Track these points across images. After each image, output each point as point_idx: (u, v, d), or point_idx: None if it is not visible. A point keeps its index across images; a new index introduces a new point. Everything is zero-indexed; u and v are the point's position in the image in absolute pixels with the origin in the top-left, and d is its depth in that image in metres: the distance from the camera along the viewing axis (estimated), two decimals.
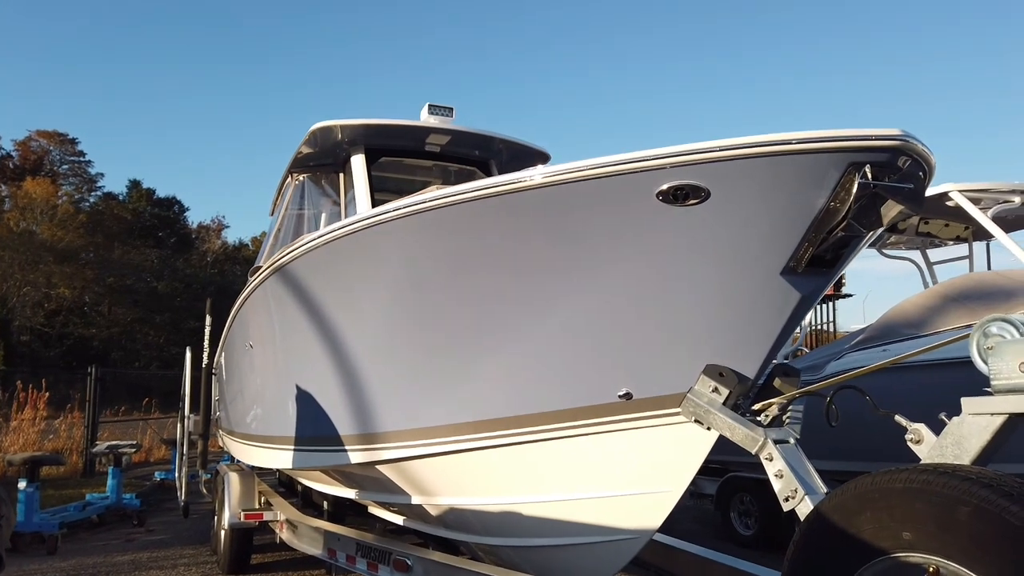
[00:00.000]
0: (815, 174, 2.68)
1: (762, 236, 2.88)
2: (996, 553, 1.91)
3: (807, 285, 2.98)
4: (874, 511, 2.19)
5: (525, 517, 4.09)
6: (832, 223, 2.74)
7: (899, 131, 2.57)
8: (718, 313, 3.12)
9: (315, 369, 4.99)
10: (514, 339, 3.72)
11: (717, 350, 3.19)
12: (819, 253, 2.89)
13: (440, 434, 4.16)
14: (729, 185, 2.79)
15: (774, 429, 3.04)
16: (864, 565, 2.16)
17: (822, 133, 2.61)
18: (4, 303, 41.45)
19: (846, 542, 2.21)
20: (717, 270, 3.03)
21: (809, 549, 2.36)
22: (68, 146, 53.70)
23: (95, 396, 15.35)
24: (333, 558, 5.57)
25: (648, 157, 2.85)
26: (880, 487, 2.21)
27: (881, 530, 2.14)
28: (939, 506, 2.03)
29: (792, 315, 3.05)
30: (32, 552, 8.07)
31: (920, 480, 2.09)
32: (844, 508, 2.30)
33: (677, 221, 2.94)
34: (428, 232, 3.83)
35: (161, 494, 12.42)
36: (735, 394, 3.13)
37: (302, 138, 6.24)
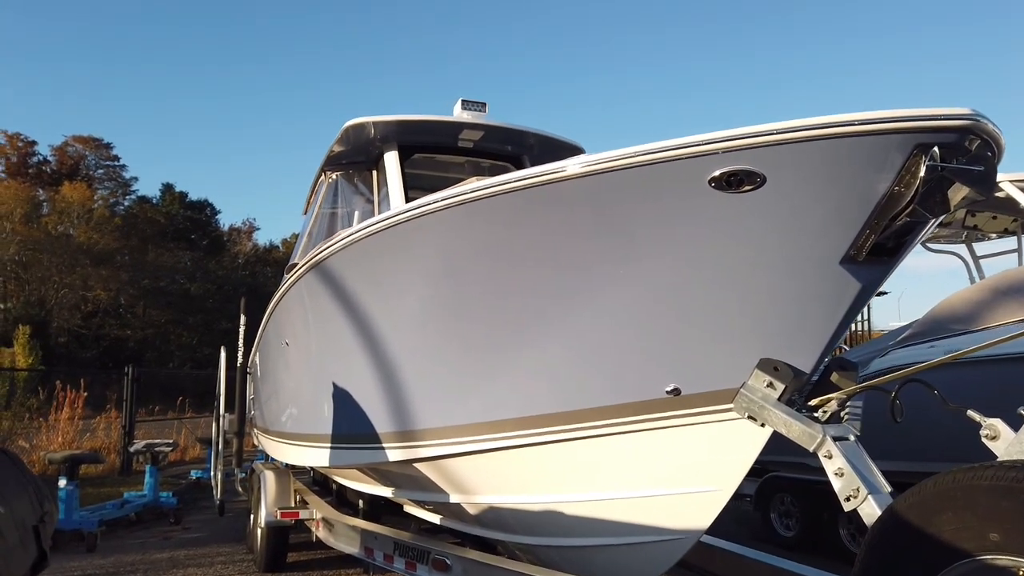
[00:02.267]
0: (878, 157, 2.55)
1: (821, 223, 2.75)
2: None
3: (868, 275, 2.85)
4: (956, 510, 2.06)
5: (567, 516, 4.00)
6: (896, 209, 2.60)
7: (969, 110, 2.43)
8: (773, 305, 3.00)
9: (351, 366, 4.95)
10: (554, 333, 3.63)
11: (771, 343, 3.07)
12: (881, 241, 2.75)
13: (480, 431, 4.09)
14: (786, 170, 2.67)
15: (832, 426, 2.91)
16: (947, 567, 2.04)
17: (887, 113, 2.48)
18: (43, 305, 42.25)
19: (926, 543, 2.08)
20: (772, 259, 2.91)
21: (884, 550, 2.24)
22: (103, 151, 54.63)
23: (131, 395, 15.53)
24: (370, 557, 5.52)
25: (700, 142, 2.74)
26: (963, 485, 2.08)
27: (964, 530, 2.01)
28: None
29: (851, 307, 2.92)
30: (72, 549, 8.15)
31: (1008, 477, 1.96)
32: (923, 507, 2.17)
33: (730, 208, 2.83)
34: (464, 225, 3.76)
35: (197, 492, 12.51)
36: (790, 389, 3.01)
37: (335, 136, 6.22)
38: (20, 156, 50.94)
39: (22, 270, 42.84)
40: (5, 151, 50.48)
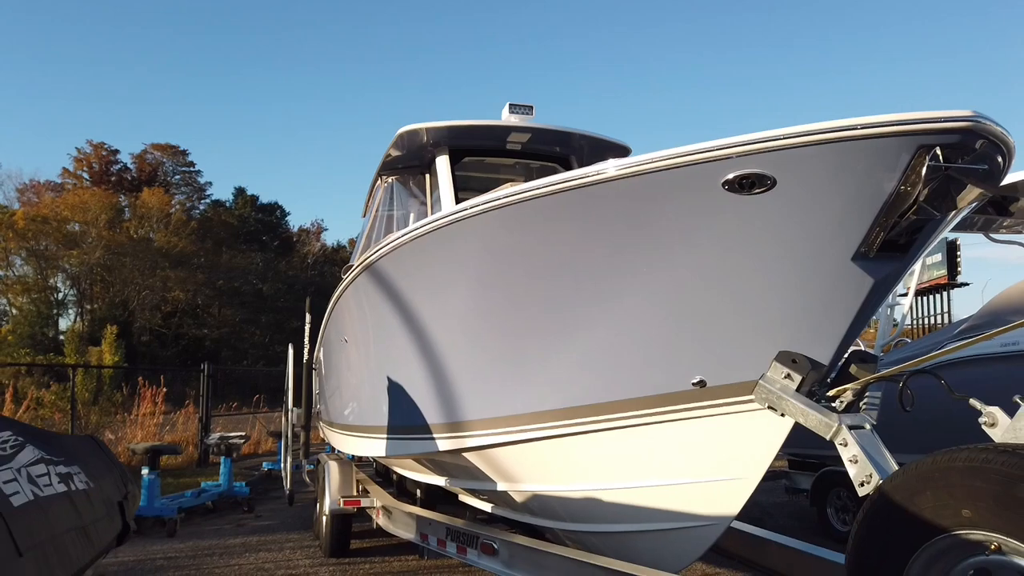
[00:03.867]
0: (884, 158, 2.67)
1: (831, 222, 2.88)
2: None
3: (880, 270, 2.96)
4: (935, 490, 2.19)
5: (606, 504, 4.19)
6: (903, 207, 2.72)
7: (970, 112, 2.53)
8: (790, 300, 3.14)
9: (404, 361, 5.24)
10: (590, 329, 3.83)
11: (791, 337, 3.20)
12: (892, 238, 2.87)
13: (522, 422, 4.32)
14: (795, 173, 2.81)
15: (849, 415, 3.04)
16: (926, 542, 2.18)
17: (890, 117, 2.60)
18: (126, 306, 44.37)
19: (908, 520, 2.22)
20: (787, 257, 3.05)
21: (872, 527, 2.38)
22: (179, 157, 56.88)
23: (207, 391, 16.33)
24: (425, 542, 5.82)
25: (713, 148, 2.90)
26: (940, 466, 2.22)
27: (942, 508, 2.15)
28: (999, 483, 2.02)
29: (866, 301, 3.03)
30: (153, 534, 8.73)
31: (980, 459, 2.09)
32: (906, 488, 2.31)
33: (744, 210, 2.98)
34: (506, 226, 3.98)
35: (268, 483, 13.12)
36: (809, 380, 3.14)
37: (389, 142, 6.53)
38: (103, 164, 53.48)
39: (107, 273, 45.05)
40: (91, 160, 53.08)
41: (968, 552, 2.15)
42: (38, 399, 15.67)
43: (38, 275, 44.94)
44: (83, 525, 2.21)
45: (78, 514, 2.18)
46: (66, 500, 2.09)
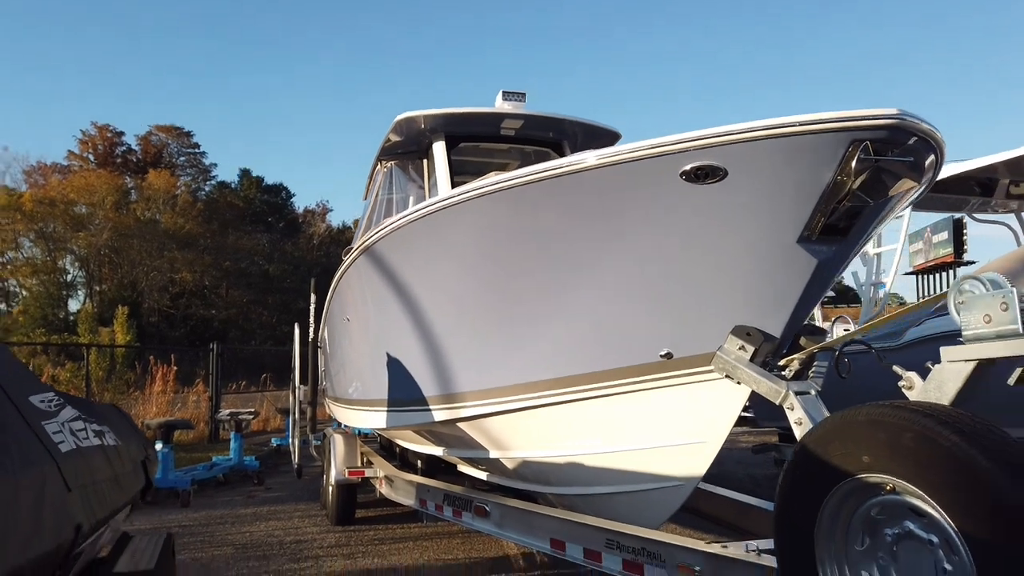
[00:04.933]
0: (821, 152, 2.97)
1: (777, 209, 3.18)
2: (933, 470, 2.22)
3: (823, 252, 3.27)
4: (842, 440, 2.52)
5: (587, 468, 4.53)
6: (840, 195, 3.02)
7: (896, 110, 2.82)
8: (744, 279, 3.45)
9: (401, 338, 5.58)
10: (568, 306, 4.15)
11: (747, 312, 3.51)
12: (832, 222, 3.17)
13: (509, 393, 4.66)
14: (744, 165, 3.12)
15: (796, 382, 3.35)
16: (837, 485, 2.51)
17: (825, 115, 2.90)
18: (134, 287, 44.94)
19: (821, 467, 2.55)
20: (739, 241, 3.35)
21: (793, 475, 2.71)
22: (184, 139, 57.22)
23: (216, 370, 16.75)
24: (424, 507, 6.20)
25: (672, 141, 3.21)
26: (847, 420, 2.55)
27: (847, 456, 2.47)
28: (890, 433, 2.35)
29: (812, 279, 3.34)
30: (168, 505, 9.15)
31: (877, 412, 2.41)
32: (820, 439, 2.64)
33: (700, 198, 3.29)
34: (491, 212, 4.30)
35: (277, 458, 13.55)
36: (763, 351, 3.45)
37: (388, 128, 6.81)
38: (107, 146, 53.83)
39: (115, 254, 45.59)
40: (95, 142, 53.42)
41: (870, 493, 2.48)
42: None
43: (47, 257, 45.51)
44: (115, 475, 2.56)
45: (111, 465, 2.52)
46: (100, 452, 2.43)
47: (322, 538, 7.42)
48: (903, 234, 8.86)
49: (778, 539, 2.78)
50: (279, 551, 6.88)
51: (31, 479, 1.70)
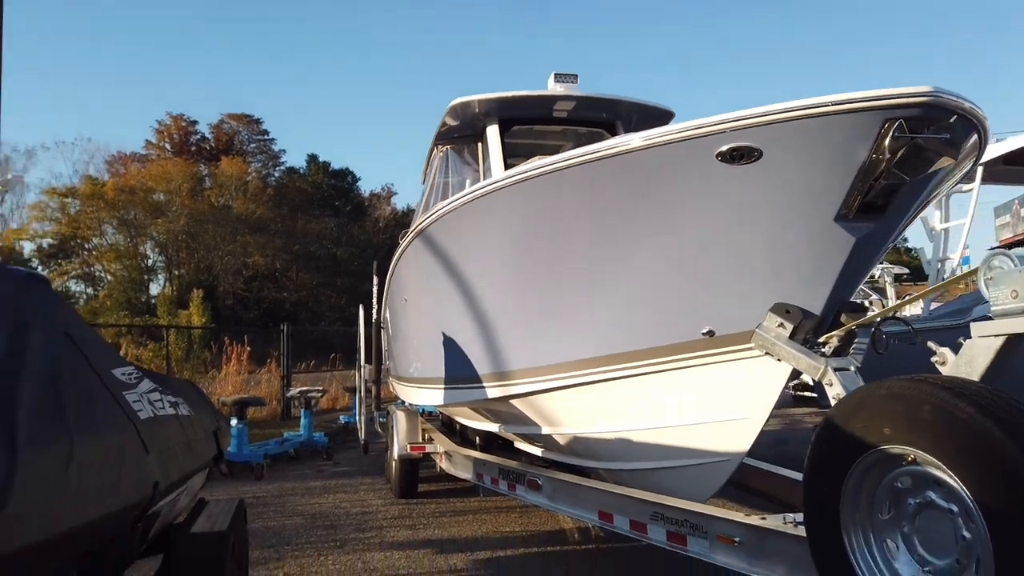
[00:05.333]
0: (855, 131, 2.99)
1: (814, 188, 3.22)
2: (950, 441, 2.27)
3: (860, 229, 3.29)
4: (864, 413, 2.58)
5: (635, 444, 4.66)
6: (876, 173, 3.05)
7: (929, 87, 2.83)
8: (783, 258, 3.50)
9: (455, 317, 5.79)
10: (614, 286, 4.27)
11: (786, 290, 3.57)
12: (870, 200, 3.19)
13: (557, 370, 4.81)
14: (779, 145, 3.16)
15: (836, 359, 3.39)
16: (860, 456, 2.57)
17: (857, 94, 2.92)
18: (210, 271, 46.68)
19: (845, 439, 2.61)
20: (777, 220, 3.40)
21: (823, 446, 2.77)
22: (254, 126, 58.77)
23: (288, 350, 17.40)
24: (481, 481, 6.43)
25: (706, 124, 3.28)
26: (870, 393, 2.61)
27: (869, 428, 2.53)
28: (909, 405, 2.40)
29: (851, 256, 3.36)
30: (243, 478, 9.65)
31: (897, 386, 2.46)
32: (844, 413, 2.70)
33: (737, 178, 3.35)
34: (538, 195, 4.43)
35: (345, 435, 14.04)
36: (803, 328, 3.50)
37: (443, 113, 6.99)
38: (182, 135, 55.76)
39: (191, 240, 47.38)
40: (171, 131, 55.41)
41: (892, 464, 2.53)
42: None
43: (128, 243, 47.64)
44: (188, 441, 2.82)
45: (184, 432, 2.78)
46: (175, 420, 2.68)
47: (386, 510, 7.75)
48: (971, 208, 8.61)
49: (806, 509, 2.86)
50: (346, 521, 7.23)
51: (114, 441, 1.94)
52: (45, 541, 1.48)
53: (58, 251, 47.42)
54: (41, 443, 1.53)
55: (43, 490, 1.50)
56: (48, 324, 1.91)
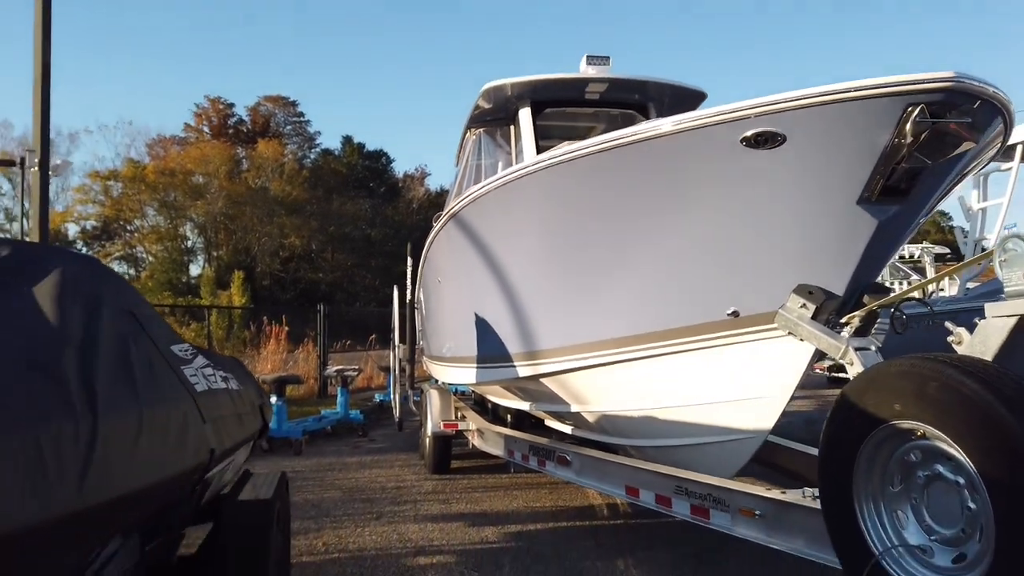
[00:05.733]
0: (877, 116, 3.06)
1: (837, 172, 3.30)
2: (956, 416, 2.37)
3: (883, 212, 3.36)
4: (877, 390, 2.68)
5: (661, 421, 4.79)
6: (898, 157, 3.11)
7: (952, 72, 2.89)
8: (807, 240, 3.58)
9: (487, 298, 5.95)
10: (639, 266, 4.38)
11: (810, 271, 3.65)
12: (892, 184, 3.26)
13: (586, 350, 4.95)
14: (801, 130, 3.24)
15: (857, 339, 3.47)
16: (873, 430, 2.68)
17: (880, 80, 2.99)
18: (248, 252, 47.53)
19: (858, 414, 2.72)
20: (800, 203, 3.48)
21: (838, 421, 2.89)
22: (290, 108, 59.40)
23: (324, 330, 17.77)
24: (512, 457, 6.62)
25: (731, 110, 3.37)
26: (881, 371, 2.71)
27: (881, 405, 2.63)
28: (917, 382, 2.50)
29: (874, 239, 3.43)
30: (282, 453, 9.99)
31: (907, 364, 2.57)
32: (857, 390, 2.80)
33: (761, 162, 3.44)
34: (568, 179, 4.55)
35: (380, 413, 14.35)
36: (825, 309, 3.59)
37: (476, 97, 7.10)
38: (220, 118, 56.57)
39: (229, 221, 48.25)
40: (209, 114, 56.26)
41: (903, 438, 2.64)
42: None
43: (169, 224, 48.68)
44: (238, 413, 3.03)
45: (234, 404, 2.98)
46: (226, 394, 2.89)
47: (420, 485, 7.98)
48: (1010, 188, 8.52)
49: (822, 481, 2.98)
50: (382, 495, 7.48)
51: (176, 410, 2.14)
52: (122, 497, 1.68)
53: (101, 233, 48.66)
54: (117, 410, 1.72)
55: (120, 452, 1.69)
56: (115, 304, 2.10)
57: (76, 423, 1.56)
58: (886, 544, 2.68)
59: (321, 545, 5.77)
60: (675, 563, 5.18)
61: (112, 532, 1.78)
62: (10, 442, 1.36)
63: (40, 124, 9.19)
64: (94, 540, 1.68)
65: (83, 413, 1.61)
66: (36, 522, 1.35)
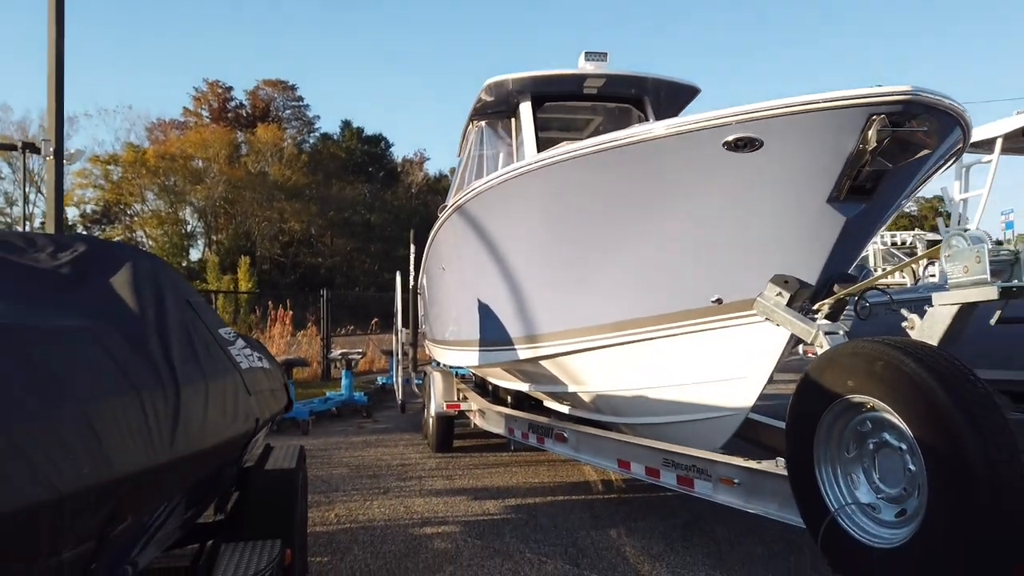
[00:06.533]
0: (844, 124, 3.41)
1: (808, 173, 3.65)
2: (898, 391, 2.73)
3: (850, 210, 3.71)
4: (834, 368, 3.06)
5: (651, 400, 5.17)
6: (861, 161, 3.47)
7: (909, 87, 3.23)
8: (783, 234, 3.94)
9: (489, 285, 6.31)
10: (633, 258, 4.74)
11: (786, 263, 4.01)
12: (859, 184, 3.61)
13: (582, 334, 5.32)
14: (777, 136, 3.59)
15: (827, 324, 3.84)
16: (831, 404, 3.06)
17: (846, 92, 3.34)
18: (248, 237, 47.79)
19: (818, 390, 3.10)
20: (777, 201, 3.84)
21: (802, 396, 3.27)
22: (289, 92, 59.39)
23: (327, 314, 18.14)
24: (512, 435, 7.01)
25: (713, 117, 3.72)
26: (838, 352, 3.09)
27: (837, 381, 3.01)
28: (866, 361, 2.87)
29: (843, 233, 3.78)
30: (290, 433, 10.36)
31: (859, 346, 2.94)
32: (818, 368, 3.17)
33: (741, 164, 3.79)
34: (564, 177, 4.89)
35: (383, 396, 14.74)
36: (799, 297, 3.95)
37: (478, 91, 7.42)
38: (220, 102, 56.59)
39: (229, 206, 48.46)
40: (208, 98, 56.28)
41: (856, 411, 3.02)
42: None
43: (169, 209, 48.90)
44: (272, 389, 3.39)
45: (269, 381, 3.35)
46: (262, 372, 3.25)
47: (424, 463, 8.37)
48: (989, 179, 8.87)
49: (788, 449, 3.37)
50: (388, 472, 7.87)
51: (229, 384, 2.50)
52: (197, 453, 2.04)
53: (102, 217, 48.86)
54: (190, 381, 2.08)
55: (194, 416, 2.05)
56: (176, 293, 2.45)
57: (164, 392, 1.92)
58: (841, 502, 3.07)
59: (333, 516, 6.16)
60: (666, 532, 5.58)
61: (188, 483, 2.15)
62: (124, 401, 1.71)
63: (56, 115, 9.50)
64: (176, 488, 2.05)
65: (168, 384, 1.96)
66: (147, 466, 1.71)
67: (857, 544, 2.92)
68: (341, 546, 5.38)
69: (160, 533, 2.21)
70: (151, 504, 1.88)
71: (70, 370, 1.60)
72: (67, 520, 1.42)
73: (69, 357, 1.64)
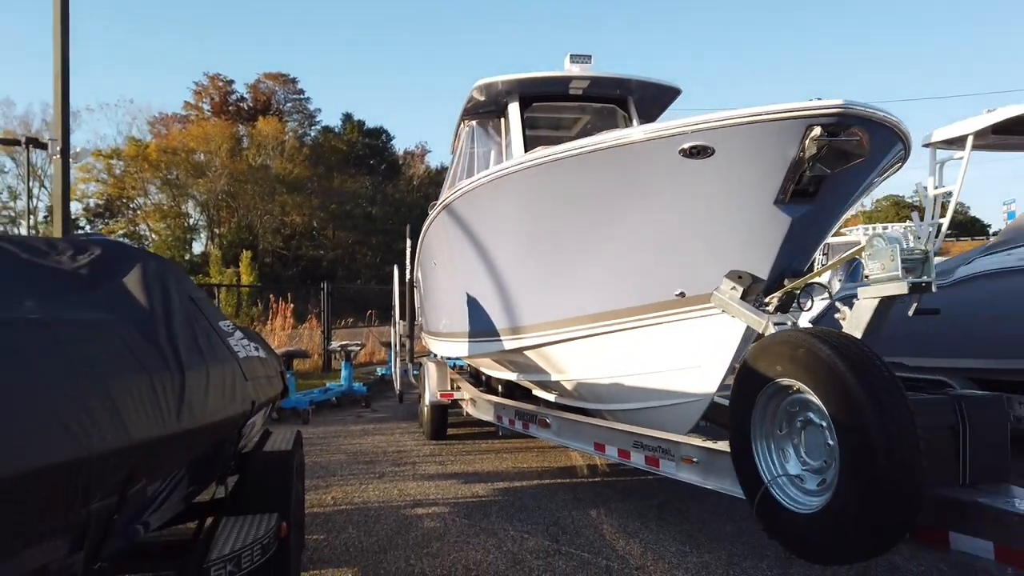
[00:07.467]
0: (786, 134, 3.74)
1: (756, 178, 3.98)
2: (816, 374, 3.08)
3: (796, 211, 4.04)
4: (767, 355, 3.41)
5: (625, 387, 5.51)
6: (802, 167, 3.80)
7: (842, 101, 3.56)
8: (737, 233, 4.27)
9: (477, 279, 6.66)
10: (606, 255, 5.08)
11: (742, 260, 4.34)
12: (801, 188, 3.94)
13: (561, 325, 5.67)
14: (727, 144, 3.93)
15: (777, 315, 4.17)
16: (764, 387, 3.41)
17: (786, 105, 3.67)
18: (250, 230, 48.12)
19: (753, 374, 3.45)
20: (730, 203, 4.17)
21: (741, 382, 3.62)
22: (290, 85, 59.59)
23: (328, 307, 18.51)
24: (500, 421, 7.38)
25: (670, 127, 4.06)
26: (770, 340, 3.46)
27: (769, 366, 3.36)
28: (791, 348, 3.22)
29: (790, 232, 4.11)
30: (291, 422, 10.74)
31: (786, 335, 3.31)
32: (753, 355, 3.53)
33: (696, 170, 4.12)
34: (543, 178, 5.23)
35: (382, 386, 15.13)
36: (753, 291, 4.28)
37: (469, 92, 7.74)
38: (221, 95, 56.81)
39: (231, 199, 48.78)
40: (209, 92, 56.52)
41: (784, 393, 3.37)
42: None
43: (172, 203, 49.25)
44: (267, 376, 3.74)
45: (264, 369, 3.69)
46: (258, 360, 3.59)
47: (419, 449, 8.75)
48: (960, 175, 9.18)
49: (731, 428, 3.72)
50: (384, 458, 8.24)
51: (228, 370, 2.85)
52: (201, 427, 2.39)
53: (104, 211, 49.24)
54: (193, 367, 2.43)
55: (197, 396, 2.40)
56: (180, 290, 2.80)
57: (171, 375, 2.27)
58: (773, 474, 3.42)
59: (330, 499, 6.53)
60: (641, 512, 5.94)
61: (192, 453, 2.50)
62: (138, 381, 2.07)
63: (61, 114, 9.83)
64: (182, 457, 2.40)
65: (174, 368, 2.31)
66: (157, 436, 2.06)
67: (786, 511, 3.28)
68: (336, 525, 5.75)
69: (169, 499, 2.56)
70: (161, 470, 2.23)
71: (95, 354, 1.95)
72: (95, 477, 1.76)
73: (94, 344, 1.99)
